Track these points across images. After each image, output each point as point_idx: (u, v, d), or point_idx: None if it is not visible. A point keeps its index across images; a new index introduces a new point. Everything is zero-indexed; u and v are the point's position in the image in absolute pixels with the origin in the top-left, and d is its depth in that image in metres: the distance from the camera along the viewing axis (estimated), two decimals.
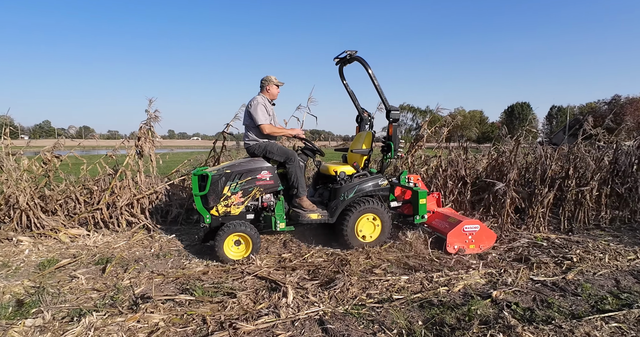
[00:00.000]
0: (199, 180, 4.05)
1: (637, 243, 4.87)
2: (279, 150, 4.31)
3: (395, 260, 4.06)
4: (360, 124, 5.19)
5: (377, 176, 4.55)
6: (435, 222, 4.68)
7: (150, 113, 5.45)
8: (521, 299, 3.17)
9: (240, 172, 4.08)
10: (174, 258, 4.20)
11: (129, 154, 5.49)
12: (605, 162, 5.81)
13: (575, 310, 2.99)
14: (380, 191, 4.51)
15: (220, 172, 4.02)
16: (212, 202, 3.99)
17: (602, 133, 5.99)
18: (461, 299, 3.15)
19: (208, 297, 3.10)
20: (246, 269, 3.73)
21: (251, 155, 4.46)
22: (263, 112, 4.29)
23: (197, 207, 4.05)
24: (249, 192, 4.13)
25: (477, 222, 4.38)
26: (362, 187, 4.38)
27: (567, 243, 4.77)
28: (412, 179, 4.85)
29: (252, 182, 4.13)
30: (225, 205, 4.04)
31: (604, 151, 5.84)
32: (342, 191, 4.31)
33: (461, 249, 4.27)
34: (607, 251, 4.41)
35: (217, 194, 3.99)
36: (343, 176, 4.46)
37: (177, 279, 3.58)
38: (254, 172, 4.14)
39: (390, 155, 4.47)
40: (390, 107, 4.39)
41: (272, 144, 4.36)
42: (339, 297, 3.10)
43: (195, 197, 4.03)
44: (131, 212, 5.43)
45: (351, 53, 4.55)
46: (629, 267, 3.98)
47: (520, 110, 66.41)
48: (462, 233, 4.28)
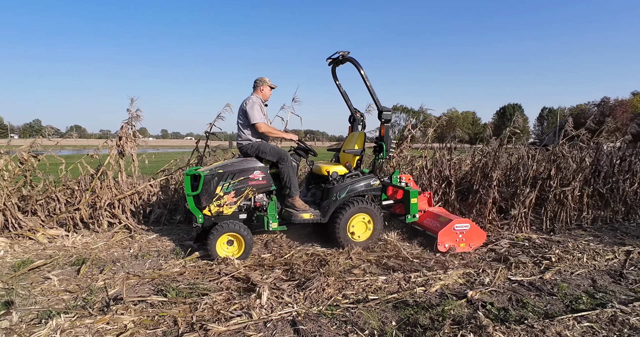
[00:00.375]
0: (191, 180, 4.03)
1: (617, 243, 4.92)
2: (271, 150, 4.31)
3: (375, 260, 4.05)
4: (352, 124, 5.21)
5: (369, 176, 4.58)
6: (426, 222, 4.72)
7: (132, 112, 5.39)
8: (497, 299, 3.17)
9: (233, 172, 4.08)
10: (153, 259, 4.15)
11: (111, 154, 5.42)
12: (586, 163, 5.85)
13: (549, 310, 2.99)
14: (372, 190, 4.54)
15: (212, 172, 4.00)
16: (204, 202, 3.98)
17: (584, 134, 6.04)
18: (437, 299, 3.14)
19: (181, 299, 3.05)
20: (223, 270, 3.69)
21: (244, 155, 4.45)
22: (259, 111, 4.30)
23: (190, 207, 4.03)
24: (241, 192, 4.12)
25: (467, 221, 4.42)
26: (354, 187, 4.41)
27: (548, 243, 4.80)
28: (404, 178, 4.89)
29: (245, 182, 4.12)
30: (218, 205, 4.03)
31: (585, 152, 5.90)
32: (335, 191, 4.33)
33: (452, 247, 4.30)
34: (586, 250, 4.44)
35: (210, 194, 3.98)
36: (335, 176, 4.48)
37: (152, 280, 3.53)
38: (247, 172, 4.14)
39: (382, 155, 4.50)
40: (382, 108, 4.42)
41: (264, 144, 4.36)
42: (314, 297, 3.08)
43: (187, 197, 4.01)
44: (112, 213, 5.37)
45: (344, 54, 4.57)
46: (607, 267, 4.01)
47: (512, 111, 66.91)
48: (453, 232, 4.32)
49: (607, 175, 6.04)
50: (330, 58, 4.79)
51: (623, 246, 4.69)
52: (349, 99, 5.23)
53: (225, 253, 3.96)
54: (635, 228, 5.74)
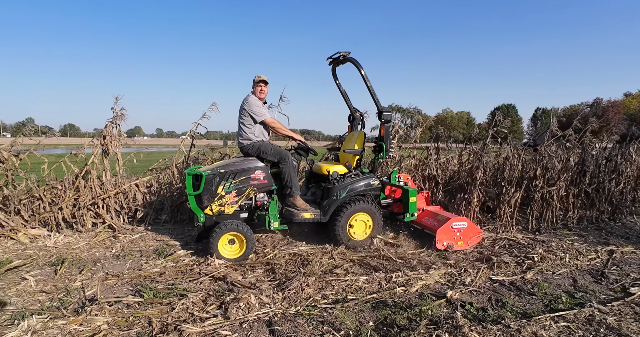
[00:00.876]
0: (193, 179, 4.04)
1: (601, 242, 4.94)
2: (272, 150, 4.32)
3: (358, 260, 4.03)
4: (352, 123, 5.24)
5: (369, 176, 4.61)
6: (424, 220, 4.78)
7: (117, 111, 5.33)
8: (477, 299, 3.17)
9: (234, 171, 4.09)
10: (134, 259, 4.11)
11: (95, 153, 5.36)
12: (571, 163, 5.88)
13: (527, 309, 2.99)
14: (372, 190, 4.57)
15: (214, 171, 4.02)
16: (206, 202, 4.00)
17: (571, 135, 6.07)
18: (417, 299, 3.13)
19: (158, 299, 3.02)
20: (203, 270, 3.65)
21: (245, 155, 4.46)
22: (261, 107, 4.34)
23: (191, 206, 4.05)
24: (242, 192, 4.14)
25: (464, 219, 4.49)
26: (354, 186, 4.44)
27: (533, 243, 4.82)
28: (402, 178, 4.94)
29: (246, 181, 4.14)
30: (219, 204, 4.05)
31: (571, 152, 5.93)
32: (335, 191, 4.37)
33: (450, 245, 4.37)
34: (569, 250, 4.45)
35: (211, 194, 4.00)
36: (336, 175, 4.52)
37: (131, 280, 3.49)
38: (248, 171, 4.15)
39: (382, 155, 4.54)
40: (382, 108, 4.46)
41: (265, 144, 4.37)
42: (292, 298, 3.06)
43: (189, 196, 4.03)
44: (96, 212, 5.31)
45: (344, 54, 4.58)
46: (589, 267, 4.02)
47: (506, 111, 67.28)
48: (451, 230, 4.39)
49: (593, 175, 6.08)
50: (330, 58, 4.81)
51: (607, 246, 4.71)
52: (348, 98, 5.25)
53: (227, 253, 3.97)
54: (621, 228, 5.78)
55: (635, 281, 3.62)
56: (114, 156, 5.44)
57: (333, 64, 4.96)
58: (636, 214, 6.61)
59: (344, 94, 5.23)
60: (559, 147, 6.25)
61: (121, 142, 5.49)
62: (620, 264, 4.14)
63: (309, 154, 4.71)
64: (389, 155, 4.60)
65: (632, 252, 4.54)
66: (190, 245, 4.56)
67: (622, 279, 3.70)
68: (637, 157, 6.53)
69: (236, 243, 4.03)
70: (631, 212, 6.56)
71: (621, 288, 3.49)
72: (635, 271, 3.95)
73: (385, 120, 4.49)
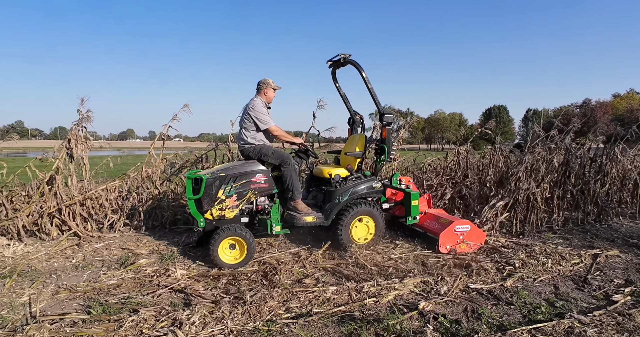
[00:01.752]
0: (192, 183, 3.95)
1: (586, 245, 4.79)
2: (274, 153, 4.24)
3: (331, 268, 3.83)
4: (352, 126, 5.19)
5: (371, 179, 4.55)
6: (426, 223, 4.70)
7: (82, 113, 5.08)
8: (451, 310, 2.98)
9: (235, 175, 4.00)
10: (93, 270, 3.86)
11: (60, 157, 5.10)
12: (554, 164, 5.75)
13: (504, 321, 2.81)
14: (374, 193, 4.53)
15: (214, 175, 3.93)
16: (206, 206, 3.90)
17: (555, 135, 5.94)
18: (387, 311, 2.93)
19: (106, 316, 2.78)
20: (162, 282, 3.42)
21: (246, 157, 4.38)
22: (266, 114, 4.27)
23: (191, 210, 3.95)
24: (243, 196, 4.05)
25: (467, 223, 4.44)
26: (356, 189, 4.39)
27: (516, 247, 4.65)
28: (404, 181, 4.87)
29: (247, 185, 4.05)
30: (220, 208, 3.96)
31: (554, 153, 5.79)
32: (337, 194, 4.31)
33: (453, 248, 4.31)
34: (552, 255, 4.28)
35: (212, 198, 3.90)
36: (338, 178, 4.43)
37: (84, 293, 3.25)
38: (249, 175, 4.07)
39: (384, 157, 4.49)
40: (384, 111, 4.40)
41: (267, 147, 4.29)
42: (252, 312, 2.84)
43: (189, 201, 3.94)
44: (62, 219, 5.05)
45: (345, 56, 4.51)
46: (571, 272, 3.86)
47: (497, 112, 67.73)
48: (454, 233, 4.33)
49: (578, 176, 5.94)
50: (331, 60, 4.72)
51: (591, 249, 4.56)
52: (348, 101, 5.18)
53: (227, 258, 3.86)
54: (606, 230, 5.64)
55: (619, 288, 3.46)
56: (80, 160, 5.18)
57: (333, 66, 4.88)
58: (622, 215, 6.48)
59: (344, 97, 5.16)
60: (543, 148, 6.11)
61: (88, 146, 5.23)
62: (604, 269, 3.98)
63: (310, 157, 4.68)
64: (391, 158, 4.54)
65: (616, 256, 4.39)
66: (156, 253, 4.33)
67: (605, 285, 3.54)
68: (622, 157, 6.40)
69: (237, 248, 3.92)
70: (617, 213, 6.43)
71: (604, 295, 3.33)
72: (619, 276, 3.79)
73: (386, 123, 4.44)
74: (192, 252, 4.37)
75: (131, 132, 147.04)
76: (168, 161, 6.39)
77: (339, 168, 4.62)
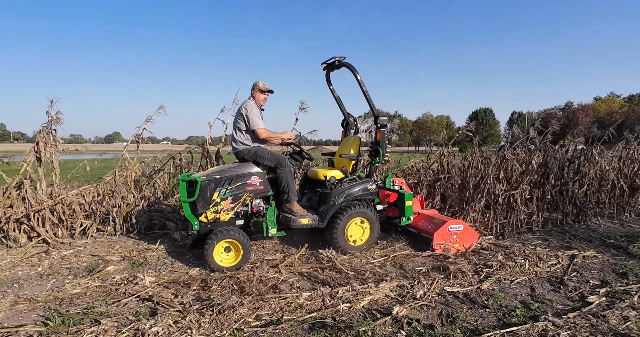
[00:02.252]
0: (187, 186, 3.90)
1: (565, 246, 4.81)
2: (269, 155, 4.23)
3: (307, 273, 3.74)
4: (346, 128, 5.22)
5: (366, 180, 4.57)
6: (420, 224, 4.74)
7: (52, 115, 4.91)
8: (426, 315, 2.92)
9: (230, 177, 3.98)
10: (59, 278, 3.70)
11: (27, 161, 4.91)
12: (533, 166, 5.78)
13: (478, 325, 2.76)
14: (369, 194, 4.55)
15: (209, 177, 3.90)
16: (200, 209, 3.86)
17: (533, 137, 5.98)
18: (360, 317, 2.85)
19: (64, 327, 2.64)
20: (129, 290, 3.29)
21: (240, 160, 4.36)
22: (258, 117, 4.23)
23: (186, 213, 3.90)
24: (238, 198, 4.03)
25: (460, 222, 4.50)
26: (351, 191, 4.40)
27: (495, 248, 4.64)
28: (397, 182, 4.91)
29: (242, 187, 4.03)
30: (215, 211, 3.93)
31: (532, 155, 5.83)
32: (332, 196, 4.32)
33: (446, 248, 4.35)
34: (530, 256, 4.27)
35: (206, 200, 3.87)
36: (333, 180, 4.45)
37: (46, 303, 3.09)
38: (244, 177, 4.05)
39: (379, 159, 4.51)
40: (378, 113, 4.44)
41: (262, 149, 4.28)
42: (220, 320, 2.73)
43: (183, 203, 3.89)
44: (30, 226, 4.85)
45: (340, 59, 4.53)
46: (548, 274, 3.84)
47: (483, 115, 68.68)
48: (448, 233, 4.39)
49: (556, 177, 5.98)
50: (325, 63, 4.73)
51: (569, 250, 4.57)
52: (342, 103, 5.19)
53: (222, 261, 3.83)
54: (585, 230, 5.68)
55: (594, 289, 3.45)
56: (50, 164, 5.00)
57: (327, 69, 4.90)
58: (601, 215, 6.56)
59: (338, 100, 5.18)
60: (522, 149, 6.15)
61: (58, 149, 5.05)
62: (581, 269, 3.98)
63: (304, 159, 4.69)
64: (385, 159, 4.55)
65: (593, 257, 4.40)
66: (127, 260, 4.18)
67: (581, 286, 3.53)
68: (599, 159, 6.48)
69: (232, 250, 3.89)
70: (596, 214, 6.50)
71: (579, 297, 3.31)
72: (595, 276, 3.80)
73: (381, 125, 4.47)
74: (166, 258, 4.23)
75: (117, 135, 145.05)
76: (146, 164, 6.24)
77: (334, 170, 4.64)
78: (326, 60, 4.66)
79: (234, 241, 3.82)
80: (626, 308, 3.04)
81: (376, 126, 4.53)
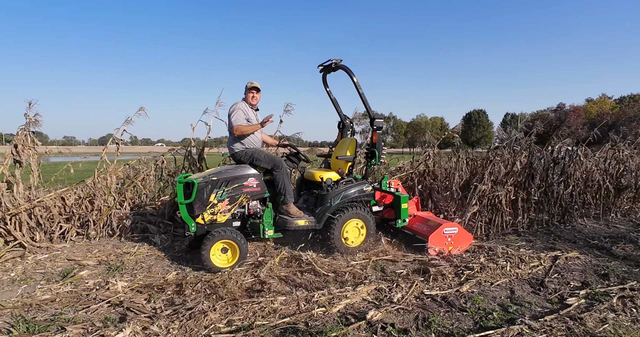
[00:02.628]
0: (184, 187, 3.89)
1: (548, 247, 4.80)
2: (266, 157, 4.26)
3: (285, 276, 3.68)
4: (342, 130, 5.27)
5: (362, 182, 4.60)
6: (415, 226, 4.77)
7: (30, 117, 4.82)
8: (402, 319, 2.88)
9: (227, 179, 4.01)
10: (31, 283, 3.61)
11: (4, 163, 4.81)
12: (517, 167, 5.76)
13: (454, 329, 2.72)
14: (365, 196, 4.58)
15: (206, 179, 3.92)
16: (197, 210, 3.88)
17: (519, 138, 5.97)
18: (335, 322, 2.80)
19: (28, 335, 2.57)
20: (100, 295, 3.21)
21: (237, 162, 4.39)
22: (238, 115, 4.26)
23: (182, 215, 3.91)
24: (235, 200, 4.06)
25: (455, 225, 4.51)
26: (347, 193, 4.43)
27: (479, 250, 4.61)
28: (393, 184, 4.93)
29: (239, 189, 4.05)
30: (212, 213, 3.95)
31: (517, 156, 5.82)
32: (329, 197, 4.34)
33: (441, 251, 4.38)
34: (512, 258, 4.24)
35: (203, 202, 3.89)
36: (330, 182, 4.47)
37: (13, 310, 3.01)
38: (241, 179, 4.08)
39: (375, 161, 4.54)
40: (374, 115, 4.48)
41: (259, 151, 4.32)
42: (190, 326, 2.67)
43: (180, 205, 3.89)
44: (7, 229, 4.75)
45: (336, 61, 4.56)
46: (529, 275, 3.82)
47: (477, 117, 69.08)
48: (442, 236, 4.40)
49: (542, 178, 5.98)
50: (322, 65, 4.77)
51: (552, 251, 4.55)
52: (338, 105, 5.23)
53: (219, 261, 3.85)
54: (570, 231, 5.68)
55: (574, 291, 3.43)
56: (28, 166, 4.91)
57: (324, 71, 4.93)
58: (587, 216, 6.57)
59: (334, 102, 5.22)
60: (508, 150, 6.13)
61: (37, 151, 4.96)
62: (562, 271, 3.96)
63: (301, 161, 4.70)
64: (381, 161, 4.60)
65: (576, 258, 4.39)
66: (104, 264, 4.09)
67: (561, 288, 3.51)
68: (585, 159, 6.49)
69: (229, 251, 3.92)
70: (582, 214, 6.51)
71: (558, 299, 3.29)
72: (576, 278, 3.78)
73: (377, 127, 4.52)
74: (144, 262, 4.16)
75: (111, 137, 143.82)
76: (130, 167, 6.14)
77: (330, 172, 4.66)
78: (323, 62, 4.70)
79: (230, 242, 3.85)
80: (605, 310, 3.02)
81: (372, 128, 4.58)
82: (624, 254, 4.58)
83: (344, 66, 4.52)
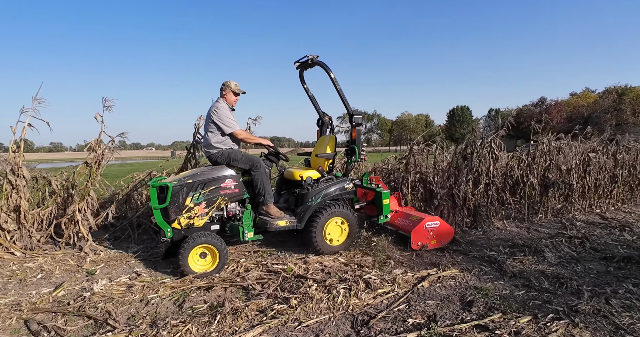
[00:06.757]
0: (157, 191, 3.68)
1: (430, 263, 3.96)
2: (243, 157, 4.05)
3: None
4: (321, 128, 5.15)
5: (343, 180, 4.47)
6: (398, 221, 4.69)
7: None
8: None
9: (203, 181, 3.81)
10: None
11: None
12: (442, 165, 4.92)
13: None
14: (347, 194, 4.44)
15: (181, 182, 3.70)
16: (173, 215, 3.67)
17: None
18: None
19: None
20: None
21: (213, 163, 4.16)
22: (231, 118, 4.08)
23: (157, 220, 3.70)
24: (213, 202, 3.87)
25: (436, 219, 4.44)
26: (328, 191, 4.30)
27: (321, 273, 3.67)
28: (374, 180, 4.83)
29: (216, 191, 3.87)
30: (188, 217, 3.74)
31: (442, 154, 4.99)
32: (309, 196, 4.21)
33: (424, 245, 4.29)
34: (355, 283, 3.28)
35: (179, 206, 3.68)
36: (310, 181, 4.35)
37: None
38: (218, 180, 3.89)
39: (355, 158, 4.44)
40: (353, 112, 4.33)
41: (235, 151, 4.11)
42: None
43: (154, 210, 3.67)
44: None
45: (312, 57, 4.45)
46: (364, 309, 2.86)
47: (460, 113, 68.34)
48: (425, 230, 4.34)
49: (448, 177, 5.09)
50: (298, 62, 4.63)
51: (427, 270, 3.69)
52: (317, 102, 5.08)
53: (198, 267, 3.65)
54: (475, 239, 4.80)
55: (404, 333, 2.48)
56: None
57: (301, 68, 4.78)
58: (508, 218, 5.69)
59: (312, 99, 5.07)
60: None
61: None
62: (417, 299, 3.04)
63: (280, 160, 4.54)
64: (361, 158, 4.48)
65: (450, 278, 3.48)
66: None
67: (393, 328, 2.57)
68: (500, 152, 5.52)
69: (208, 256, 3.73)
70: (502, 217, 5.63)
71: None
72: (427, 309, 2.88)
73: (355, 124, 4.39)
74: None
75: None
76: None
77: (310, 170, 4.52)
78: (299, 58, 4.56)
79: (209, 246, 3.66)
80: None
81: (351, 125, 4.44)
82: (517, 269, 3.70)
83: (320, 62, 4.37)
